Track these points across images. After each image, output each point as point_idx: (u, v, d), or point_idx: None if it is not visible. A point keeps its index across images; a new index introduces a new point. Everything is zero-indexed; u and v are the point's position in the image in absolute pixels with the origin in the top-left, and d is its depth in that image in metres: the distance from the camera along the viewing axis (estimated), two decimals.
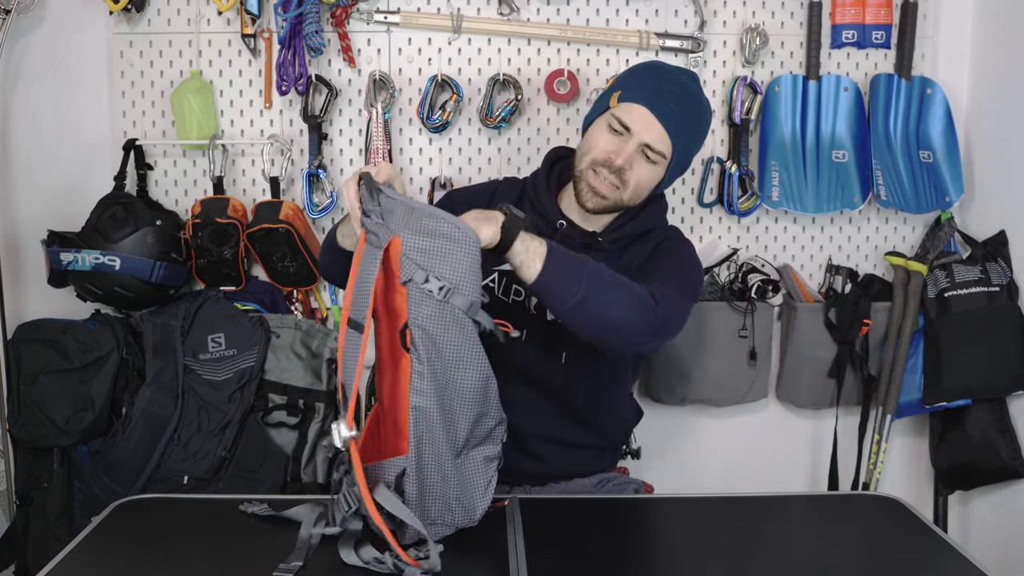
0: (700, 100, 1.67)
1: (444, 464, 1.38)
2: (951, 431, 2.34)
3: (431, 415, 1.35)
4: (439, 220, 1.35)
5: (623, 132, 1.62)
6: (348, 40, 2.26)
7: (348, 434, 1.29)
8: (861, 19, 2.31)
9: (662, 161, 1.63)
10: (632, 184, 1.63)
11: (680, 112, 1.61)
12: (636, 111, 1.61)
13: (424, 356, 1.34)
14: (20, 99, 2.30)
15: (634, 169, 1.62)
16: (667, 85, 1.62)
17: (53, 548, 1.95)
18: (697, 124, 1.68)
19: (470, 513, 1.42)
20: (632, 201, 1.67)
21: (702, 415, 2.47)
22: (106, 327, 2.19)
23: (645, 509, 1.65)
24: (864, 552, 1.46)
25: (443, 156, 2.34)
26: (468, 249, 1.35)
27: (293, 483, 2.16)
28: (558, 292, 1.45)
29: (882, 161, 2.31)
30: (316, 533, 1.41)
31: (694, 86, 1.68)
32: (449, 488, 1.39)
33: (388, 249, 1.35)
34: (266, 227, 2.16)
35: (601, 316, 1.47)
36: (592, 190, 1.64)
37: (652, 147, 1.61)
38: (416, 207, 1.37)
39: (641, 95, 1.61)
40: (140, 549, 1.44)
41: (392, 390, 1.39)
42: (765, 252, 2.43)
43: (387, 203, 1.38)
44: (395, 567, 1.31)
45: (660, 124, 1.60)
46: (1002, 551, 2.29)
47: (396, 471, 1.36)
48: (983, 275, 2.26)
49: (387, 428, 1.40)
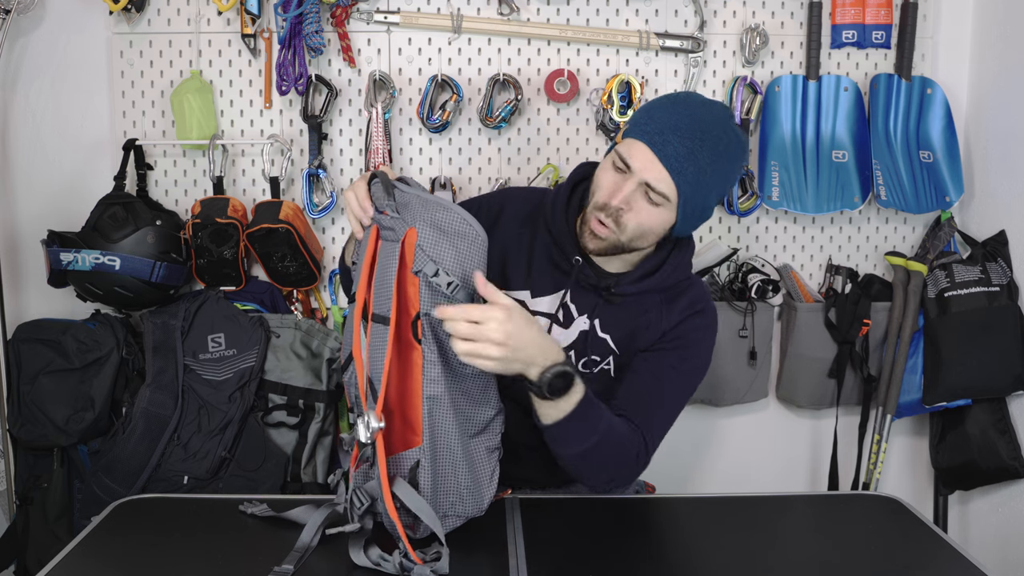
0: (719, 139, 1.46)
1: (455, 453, 1.39)
2: (951, 431, 2.34)
3: (444, 404, 1.37)
4: (450, 213, 1.37)
5: (625, 170, 1.48)
6: (348, 40, 2.26)
7: (377, 425, 1.30)
8: (861, 19, 2.31)
9: (666, 203, 1.46)
10: (631, 226, 1.48)
11: (686, 151, 1.43)
12: (637, 148, 1.46)
13: (435, 346, 1.37)
14: (20, 99, 2.30)
15: (634, 210, 1.48)
16: (676, 120, 1.45)
17: (53, 548, 1.95)
18: (713, 163, 1.46)
19: (479, 502, 1.43)
20: (635, 244, 1.52)
21: (702, 415, 2.47)
22: (106, 327, 2.19)
23: (645, 509, 1.65)
24: (864, 552, 1.46)
25: (443, 156, 2.34)
26: (477, 247, 1.37)
27: (293, 483, 2.16)
28: (561, 442, 1.45)
29: (882, 161, 2.31)
30: (315, 536, 1.40)
31: (715, 121, 1.47)
32: (460, 477, 1.40)
33: (404, 241, 1.37)
34: (266, 227, 2.16)
35: (592, 470, 1.51)
36: (591, 233, 1.52)
37: (653, 187, 1.45)
38: (430, 199, 1.40)
39: (644, 131, 1.46)
40: (140, 549, 1.44)
41: (400, 386, 1.40)
42: (765, 252, 2.43)
43: (401, 197, 1.41)
44: (401, 567, 1.31)
45: (661, 163, 1.44)
46: (1002, 551, 2.29)
47: (410, 463, 1.38)
48: (983, 275, 2.26)
49: (396, 424, 1.41)
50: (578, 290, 1.59)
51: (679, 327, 1.59)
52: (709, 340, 1.64)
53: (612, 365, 1.60)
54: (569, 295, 1.59)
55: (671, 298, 1.60)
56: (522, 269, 1.63)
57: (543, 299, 1.61)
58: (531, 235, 1.64)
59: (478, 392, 1.43)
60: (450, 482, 1.40)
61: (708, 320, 1.63)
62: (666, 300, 1.60)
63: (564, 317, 1.60)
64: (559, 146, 2.35)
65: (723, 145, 1.47)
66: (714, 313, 1.64)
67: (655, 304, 1.59)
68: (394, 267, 1.36)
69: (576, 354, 1.60)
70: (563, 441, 1.45)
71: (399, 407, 1.40)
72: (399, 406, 1.40)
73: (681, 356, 1.59)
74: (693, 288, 1.63)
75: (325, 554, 1.37)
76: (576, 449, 1.45)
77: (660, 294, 1.60)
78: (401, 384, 1.40)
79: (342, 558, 1.35)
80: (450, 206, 1.38)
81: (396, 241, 1.38)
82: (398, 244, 1.37)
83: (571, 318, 1.60)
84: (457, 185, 2.33)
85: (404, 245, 1.37)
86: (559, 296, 1.60)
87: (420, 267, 1.35)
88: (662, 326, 1.59)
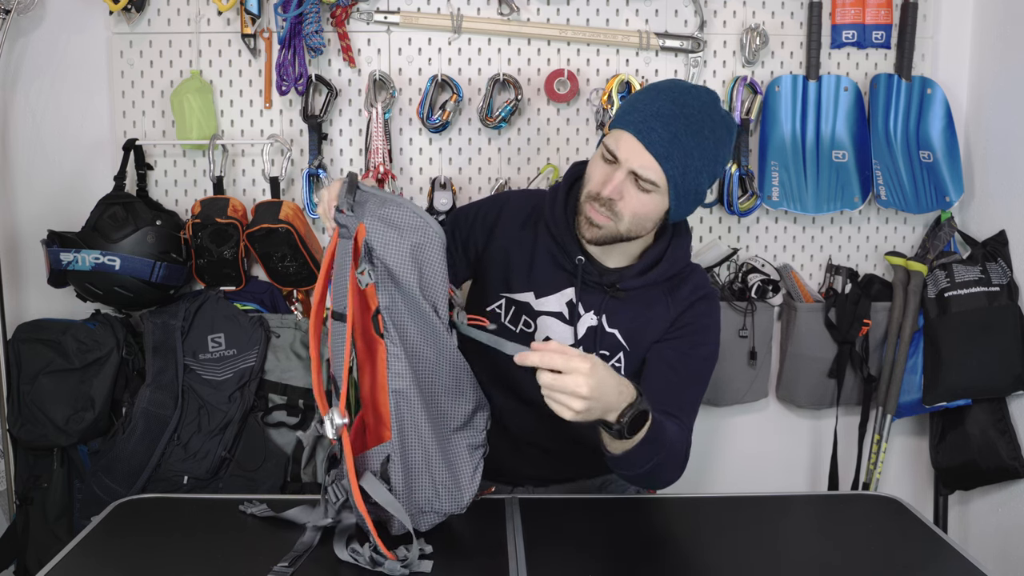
0: (704, 120, 1.48)
1: (428, 446, 1.39)
2: (951, 431, 2.34)
3: (411, 397, 1.38)
4: (401, 208, 1.38)
5: (613, 161, 1.51)
6: (348, 40, 2.26)
7: (341, 421, 1.31)
8: (861, 19, 2.31)
9: (656, 189, 1.49)
10: (627, 215, 1.51)
11: (670, 135, 1.46)
12: (623, 138, 1.49)
13: (397, 339, 1.37)
14: (20, 99, 2.30)
15: (626, 199, 1.50)
16: (658, 107, 1.47)
17: (53, 548, 1.94)
18: (699, 147, 1.48)
19: (457, 499, 1.42)
20: (633, 232, 1.54)
21: (702, 415, 2.43)
22: (106, 327, 2.19)
23: (645, 509, 1.65)
24: (864, 552, 1.46)
25: (443, 156, 2.34)
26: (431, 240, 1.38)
27: (293, 483, 2.16)
28: (628, 466, 1.42)
29: (882, 161, 2.31)
30: (315, 533, 1.41)
31: (699, 105, 1.49)
32: (435, 470, 1.40)
33: (356, 237, 1.38)
34: (266, 227, 2.16)
35: (653, 481, 1.55)
36: (588, 221, 1.54)
37: (640, 175, 1.48)
38: (386, 197, 1.41)
39: (629, 120, 1.49)
40: (140, 549, 1.44)
41: (372, 381, 1.41)
42: (765, 252, 2.43)
43: (360, 196, 1.42)
44: (372, 560, 1.32)
45: (647, 150, 1.46)
46: (1002, 551, 2.29)
47: (380, 458, 1.38)
48: (983, 275, 2.26)
49: (369, 420, 1.42)
50: (584, 288, 1.60)
51: (686, 314, 1.62)
52: (716, 324, 1.67)
53: (623, 362, 1.61)
54: (576, 293, 1.60)
55: (674, 287, 1.63)
56: (524, 271, 1.64)
57: (548, 299, 1.62)
58: (532, 237, 1.65)
59: (451, 384, 1.42)
60: (424, 477, 1.39)
61: (713, 305, 1.66)
62: (669, 290, 1.62)
63: (571, 315, 1.61)
64: (559, 146, 2.35)
65: (708, 127, 1.49)
66: (717, 297, 1.68)
67: (660, 295, 1.62)
68: (349, 264, 1.37)
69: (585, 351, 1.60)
70: (630, 464, 1.41)
71: (371, 403, 1.41)
72: (372, 403, 1.41)
73: (692, 342, 1.61)
74: (695, 275, 1.66)
75: (324, 554, 1.37)
76: (643, 469, 1.42)
77: (663, 284, 1.62)
78: (372, 380, 1.41)
79: (339, 558, 1.35)
80: (403, 202, 1.39)
81: (350, 238, 1.38)
82: (351, 241, 1.38)
83: (578, 316, 1.60)
84: (457, 185, 2.33)
85: (356, 241, 1.38)
86: (566, 295, 1.61)
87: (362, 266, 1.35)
88: (670, 315, 1.61)
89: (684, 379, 1.59)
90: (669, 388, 1.55)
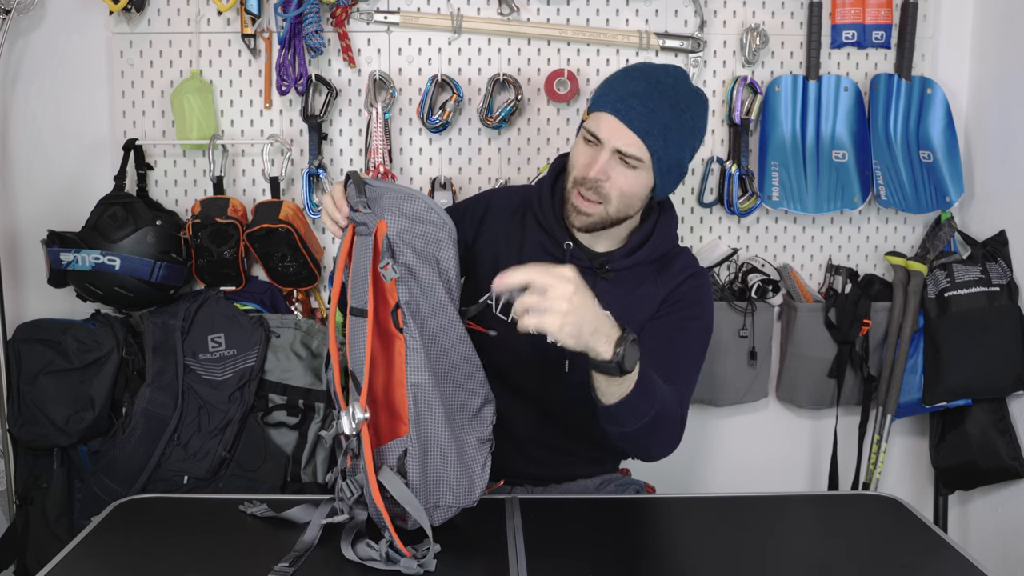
0: (678, 95, 1.54)
1: (443, 440, 1.40)
2: (951, 431, 2.34)
3: (428, 390, 1.39)
4: (417, 202, 1.41)
5: (595, 142, 1.55)
6: (348, 40, 2.26)
7: (363, 415, 1.32)
8: (861, 19, 2.31)
9: (641, 165, 1.53)
10: (615, 195, 1.55)
11: (648, 111, 1.51)
12: (602, 119, 1.53)
13: (417, 333, 1.39)
14: (20, 99, 2.30)
15: (613, 179, 1.54)
16: (632, 86, 1.53)
17: (53, 548, 1.94)
18: (676, 120, 1.53)
19: (470, 493, 1.43)
20: (622, 212, 1.59)
21: (702, 415, 2.47)
22: (106, 327, 2.19)
23: (645, 509, 1.65)
24: (864, 552, 1.46)
25: (443, 156, 2.34)
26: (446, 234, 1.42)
27: (293, 483, 2.16)
28: (623, 420, 1.41)
29: (882, 161, 2.31)
30: (316, 534, 1.41)
31: (671, 82, 1.55)
32: (450, 464, 1.41)
33: (376, 233, 1.39)
34: (266, 227, 2.16)
35: (644, 443, 1.51)
36: (575, 209, 1.58)
37: (624, 152, 1.52)
38: (399, 189, 1.43)
39: (606, 101, 1.54)
40: (140, 549, 1.44)
41: (386, 377, 1.41)
42: (765, 252, 2.43)
43: (372, 192, 1.43)
44: (387, 556, 1.32)
45: (627, 128, 1.51)
46: (1002, 551, 2.29)
47: (398, 452, 1.38)
48: (983, 275, 2.26)
49: (383, 416, 1.42)
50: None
51: (677, 290, 1.65)
52: (708, 300, 1.69)
53: None
54: None
55: (663, 266, 1.67)
56: (514, 261, 1.63)
57: None
58: (520, 228, 1.69)
59: (464, 376, 1.44)
60: (439, 471, 1.40)
61: (703, 281, 1.69)
62: (659, 269, 1.66)
63: None
64: (559, 146, 2.34)
65: (683, 101, 1.55)
66: (707, 275, 1.72)
67: (649, 275, 1.66)
68: (369, 260, 1.38)
69: None
70: (624, 418, 1.41)
71: (384, 398, 1.41)
72: (384, 397, 1.41)
73: (685, 316, 1.64)
74: (683, 255, 1.71)
75: (325, 554, 1.37)
76: (637, 424, 1.41)
77: (652, 264, 1.66)
78: (386, 375, 1.41)
79: (341, 557, 1.35)
80: (417, 195, 1.43)
81: (369, 235, 1.40)
82: (371, 237, 1.39)
83: None
84: (457, 185, 2.33)
85: (377, 237, 1.39)
86: None
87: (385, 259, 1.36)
88: (660, 293, 1.64)
89: (678, 349, 1.60)
90: (663, 358, 1.55)
